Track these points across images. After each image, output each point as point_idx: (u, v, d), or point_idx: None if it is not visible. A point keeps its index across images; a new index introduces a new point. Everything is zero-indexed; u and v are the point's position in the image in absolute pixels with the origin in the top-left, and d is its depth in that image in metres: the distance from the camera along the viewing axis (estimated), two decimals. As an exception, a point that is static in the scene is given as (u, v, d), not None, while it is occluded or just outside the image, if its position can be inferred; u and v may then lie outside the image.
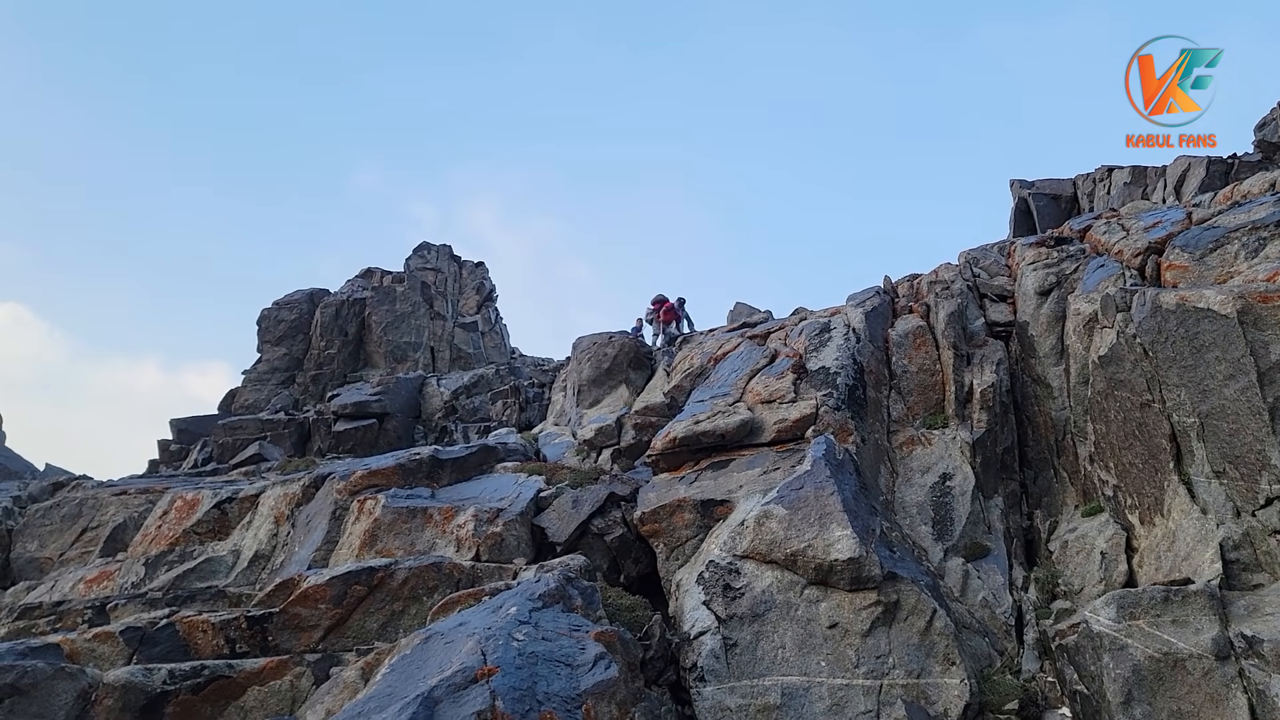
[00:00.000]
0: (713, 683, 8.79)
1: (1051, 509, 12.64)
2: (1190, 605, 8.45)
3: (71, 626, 10.80)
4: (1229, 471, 9.38)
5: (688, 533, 11.10)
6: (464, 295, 42.73)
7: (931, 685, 8.75)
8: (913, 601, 9.23)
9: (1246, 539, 9.05)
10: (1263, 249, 11.23)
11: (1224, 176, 19.56)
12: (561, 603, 8.74)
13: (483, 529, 11.84)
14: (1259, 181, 15.17)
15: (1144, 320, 10.48)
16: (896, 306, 16.25)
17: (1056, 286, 13.90)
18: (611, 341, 22.12)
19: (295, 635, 9.48)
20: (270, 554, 13.51)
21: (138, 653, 9.02)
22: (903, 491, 12.54)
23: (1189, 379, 9.82)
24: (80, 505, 19.25)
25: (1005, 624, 10.57)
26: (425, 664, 7.40)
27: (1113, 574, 10.53)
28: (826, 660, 8.86)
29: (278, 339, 36.15)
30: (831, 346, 14.18)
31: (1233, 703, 7.78)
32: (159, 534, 14.68)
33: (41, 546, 18.56)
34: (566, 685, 7.08)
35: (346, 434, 25.53)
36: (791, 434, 12.50)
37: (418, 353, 36.25)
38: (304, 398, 33.63)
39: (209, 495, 15.11)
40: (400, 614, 9.82)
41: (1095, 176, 24.73)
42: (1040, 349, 13.53)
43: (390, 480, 13.51)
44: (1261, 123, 21.55)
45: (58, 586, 14.89)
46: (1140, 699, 8.08)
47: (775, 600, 9.39)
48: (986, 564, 11.45)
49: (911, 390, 14.10)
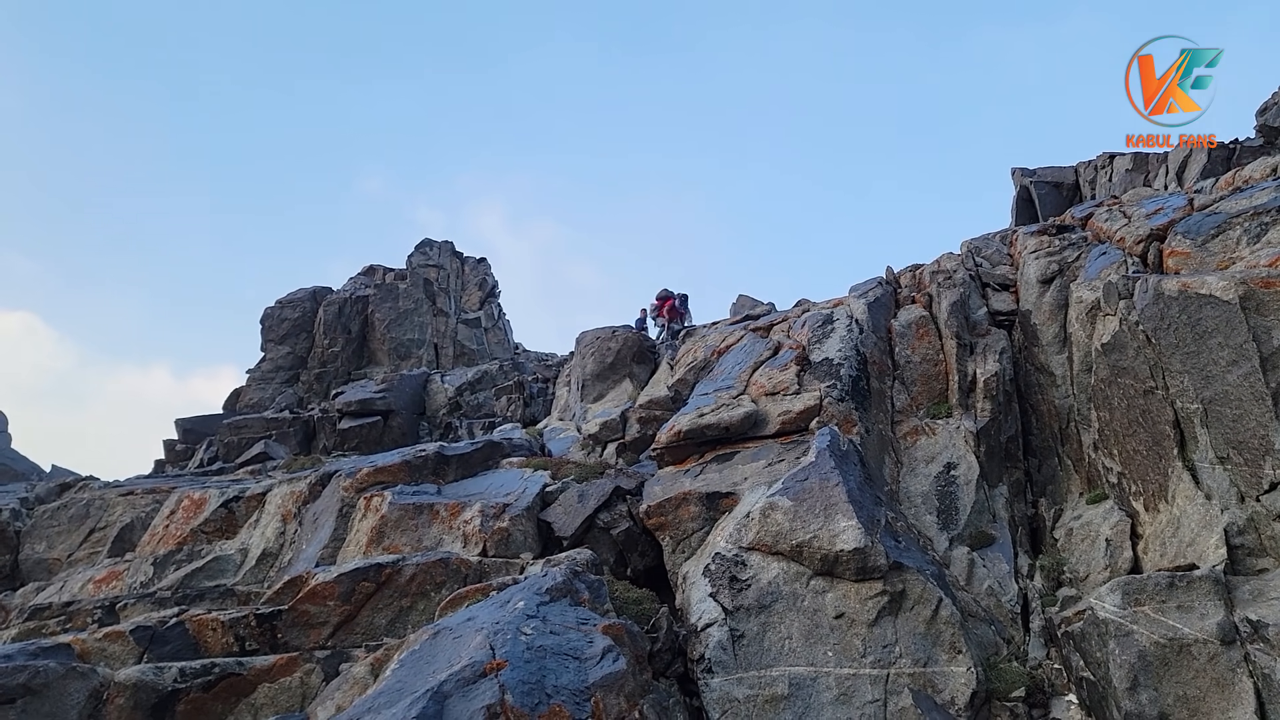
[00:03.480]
0: (720, 674, 8.83)
1: (1056, 497, 12.66)
2: (1195, 591, 8.48)
3: (81, 626, 10.86)
4: (1233, 457, 9.38)
5: (693, 525, 11.15)
6: (466, 291, 42.78)
7: (938, 674, 8.78)
8: (919, 591, 9.26)
9: (1251, 524, 9.06)
10: (1265, 234, 11.21)
11: (1226, 162, 19.53)
12: (569, 596, 8.78)
13: (489, 524, 11.88)
14: (1261, 166, 15.14)
15: (1146, 307, 10.48)
16: (899, 297, 16.25)
17: (1059, 274, 13.90)
18: (615, 336, 22.12)
19: (304, 632, 9.53)
20: (278, 552, 13.57)
21: (148, 651, 9.08)
22: (907, 481, 12.56)
23: (1192, 365, 9.82)
24: (87, 506, 19.33)
25: (1011, 612, 10.59)
26: (434, 659, 7.45)
27: (1118, 561, 10.55)
28: (833, 650, 8.89)
29: (281, 337, 36.24)
30: (834, 338, 14.20)
31: (1239, 687, 7.81)
32: (166, 533, 14.75)
33: (49, 547, 18.65)
34: (575, 678, 7.13)
35: (351, 431, 25.61)
36: (796, 426, 12.54)
37: (421, 349, 36.33)
38: (308, 396, 33.72)
39: (216, 494, 15.17)
40: (408, 610, 9.86)
41: (1097, 164, 24.69)
42: (1043, 337, 13.53)
43: (396, 477, 13.54)
44: (1263, 107, 21.52)
45: (67, 587, 14.95)
46: (1146, 685, 8.11)
47: (782, 591, 9.42)
48: (992, 552, 11.47)
49: (915, 380, 14.12)
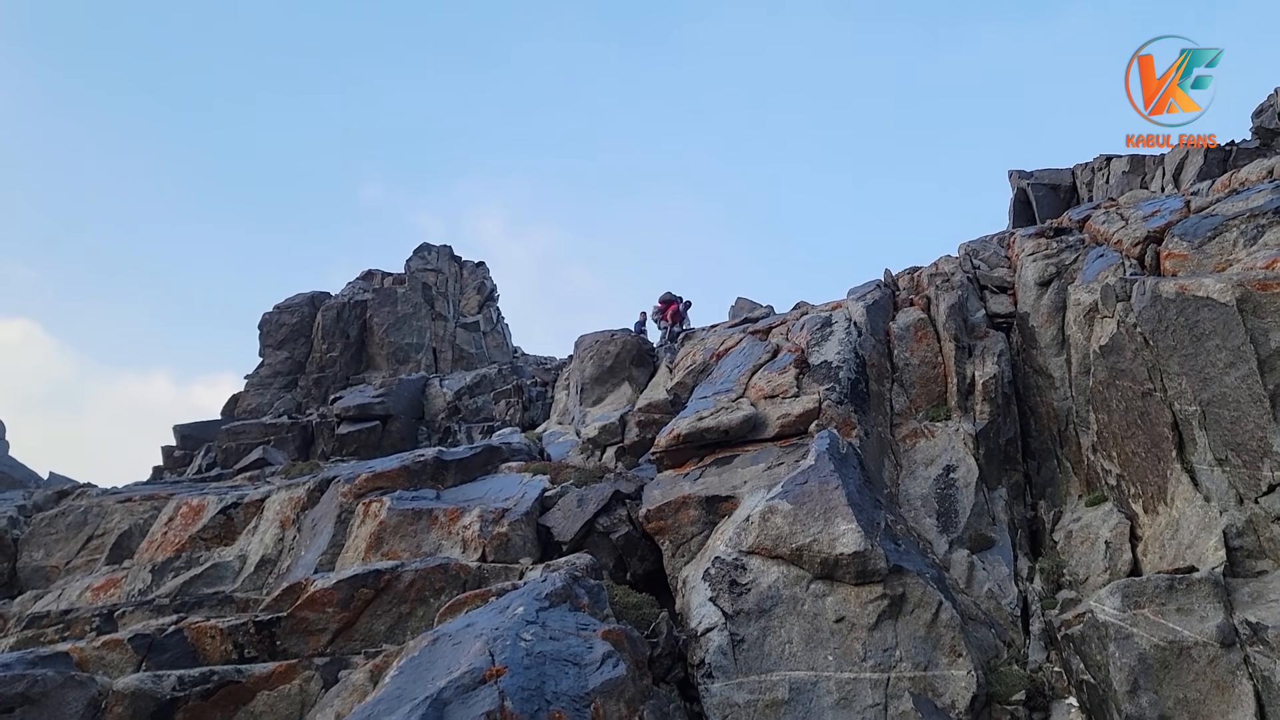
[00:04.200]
0: (720, 679, 8.82)
1: (1055, 499, 12.66)
2: (1195, 593, 8.48)
3: (80, 634, 10.82)
4: (1231, 459, 9.39)
5: (693, 529, 11.14)
6: (465, 295, 42.76)
7: (939, 677, 8.78)
8: (919, 594, 9.26)
9: (1250, 526, 9.07)
10: (1261, 236, 11.23)
11: (1222, 164, 19.55)
12: (568, 602, 8.77)
13: (488, 529, 11.87)
14: (1257, 169, 15.16)
15: (1144, 309, 10.50)
16: (897, 299, 16.26)
17: (1056, 277, 13.91)
18: (614, 339, 22.11)
19: (303, 639, 9.51)
20: (276, 558, 13.54)
21: (147, 659, 9.05)
22: (907, 484, 12.56)
23: (1190, 367, 9.83)
24: (85, 513, 19.25)
25: (1011, 615, 10.59)
26: (434, 665, 7.43)
27: (1117, 563, 10.55)
28: (834, 654, 8.89)
29: (279, 343, 36.17)
30: (833, 341, 14.21)
31: (1238, 689, 7.81)
32: (165, 540, 14.71)
33: (47, 555, 18.57)
34: (575, 684, 7.11)
35: (350, 436, 25.55)
36: (795, 429, 12.54)
37: (420, 354, 36.28)
38: (307, 401, 33.65)
39: (214, 501, 15.13)
40: (408, 616, 9.84)
41: (1094, 166, 24.73)
42: (1041, 340, 13.54)
43: (395, 482, 13.52)
44: (1259, 109, 21.55)
45: (65, 595, 14.90)
46: (1146, 687, 8.11)
47: (782, 595, 9.42)
48: (991, 555, 11.48)
49: (914, 383, 14.12)
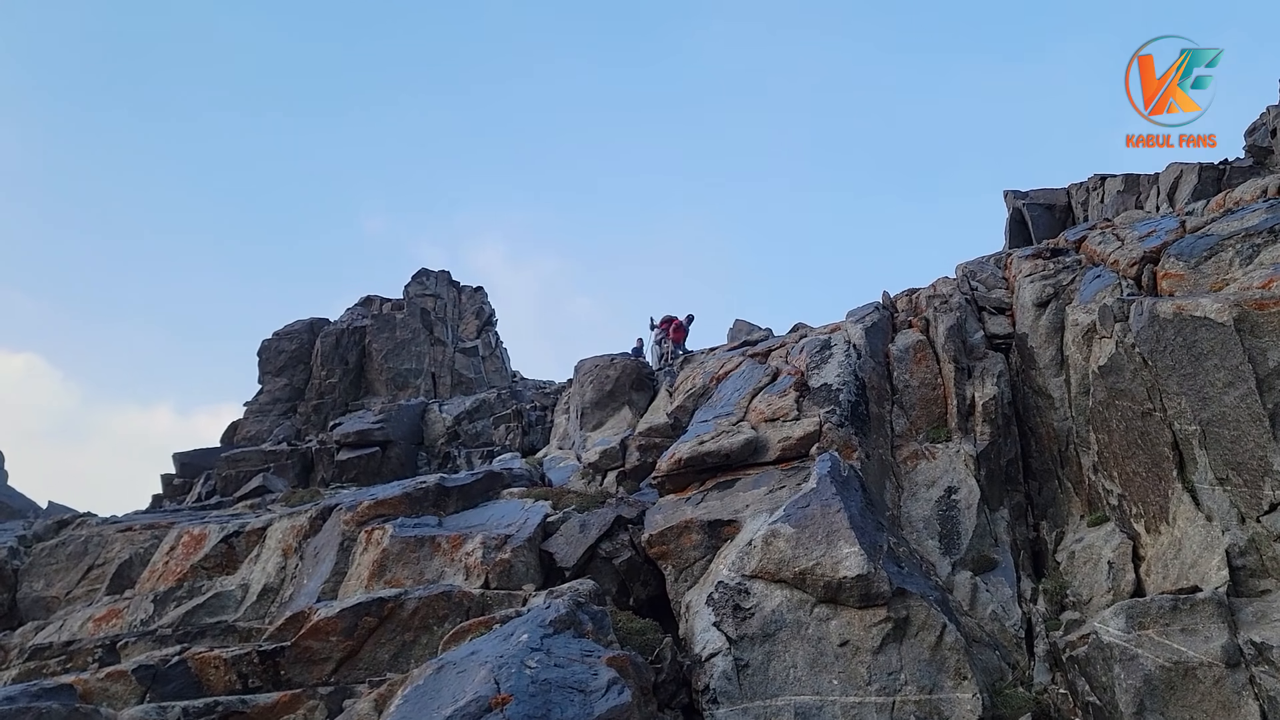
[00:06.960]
0: (725, 704, 8.80)
1: (1057, 520, 12.67)
2: (1199, 613, 8.49)
3: (82, 666, 10.80)
4: (1232, 478, 9.42)
5: (696, 554, 11.13)
6: (464, 320, 42.89)
7: (944, 700, 8.75)
8: (922, 617, 9.25)
9: (1252, 545, 9.09)
10: (1256, 255, 11.33)
11: (1216, 182, 19.69)
12: (572, 628, 8.77)
13: (491, 556, 11.86)
14: (1251, 188, 15.30)
15: (1142, 330, 10.57)
16: (896, 321, 16.34)
17: (1054, 298, 13.99)
18: (613, 363, 22.18)
19: (307, 668, 9.49)
20: (279, 587, 13.50)
21: (151, 690, 9.03)
22: (908, 506, 12.57)
23: (1189, 387, 9.89)
24: (85, 543, 19.18)
25: (1015, 636, 10.57)
26: (439, 694, 7.43)
27: (1120, 583, 10.55)
28: (839, 678, 8.87)
29: (279, 369, 36.25)
30: (833, 363, 14.27)
31: (1245, 710, 7.80)
32: (166, 570, 14.67)
33: (48, 585, 18.49)
34: (580, 711, 7.10)
35: (350, 463, 25.53)
36: (796, 452, 12.57)
37: (419, 379, 36.34)
38: (306, 427, 33.63)
39: (215, 529, 15.10)
40: (411, 644, 9.82)
41: (1089, 185, 24.92)
42: (1040, 360, 13.60)
43: (397, 509, 13.51)
44: (1252, 127, 21.75)
45: (66, 626, 14.83)
46: (1152, 709, 8.10)
47: (785, 619, 9.41)
48: (994, 576, 11.46)
49: (914, 405, 14.17)
